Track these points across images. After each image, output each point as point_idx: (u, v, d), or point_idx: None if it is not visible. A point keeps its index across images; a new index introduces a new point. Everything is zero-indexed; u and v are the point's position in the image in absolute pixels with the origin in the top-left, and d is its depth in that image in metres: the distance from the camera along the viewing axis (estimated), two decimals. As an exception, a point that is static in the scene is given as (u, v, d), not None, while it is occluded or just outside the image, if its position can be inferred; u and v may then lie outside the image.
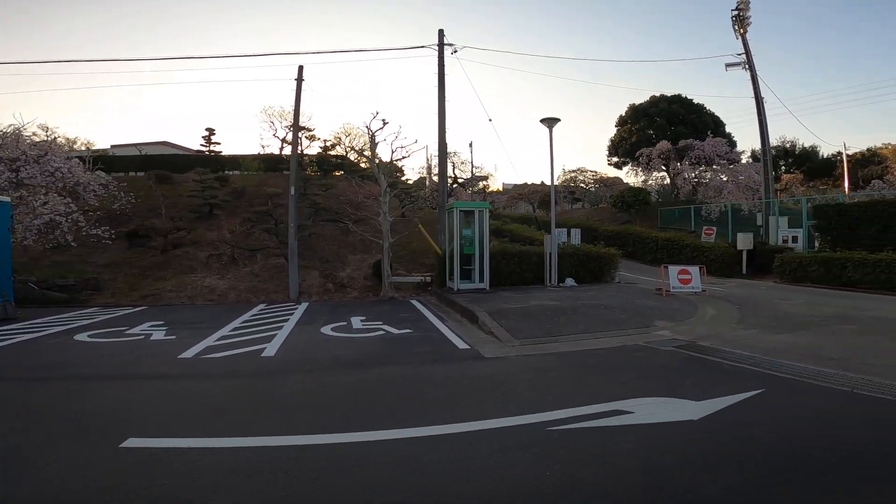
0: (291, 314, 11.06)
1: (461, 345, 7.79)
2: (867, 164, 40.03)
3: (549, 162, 14.84)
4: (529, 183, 47.29)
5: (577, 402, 4.74)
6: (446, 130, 17.76)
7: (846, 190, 32.40)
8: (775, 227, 21.15)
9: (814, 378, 5.51)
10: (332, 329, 9.20)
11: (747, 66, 23.34)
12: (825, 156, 41.03)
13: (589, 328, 8.56)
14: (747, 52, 23.42)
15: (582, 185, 47.50)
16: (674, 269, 12.70)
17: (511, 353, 7.19)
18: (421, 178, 32.07)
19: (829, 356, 6.50)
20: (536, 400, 4.86)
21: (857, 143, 64.47)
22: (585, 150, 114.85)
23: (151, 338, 8.69)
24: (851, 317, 9.41)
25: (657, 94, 35.49)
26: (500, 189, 53.02)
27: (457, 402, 4.87)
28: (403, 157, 14.33)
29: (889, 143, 41.55)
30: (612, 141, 37.78)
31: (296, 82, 15.23)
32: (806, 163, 39.56)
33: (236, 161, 27.14)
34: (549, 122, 14.86)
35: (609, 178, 45.57)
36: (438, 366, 6.52)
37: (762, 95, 22.86)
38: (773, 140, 44.40)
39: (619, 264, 15.51)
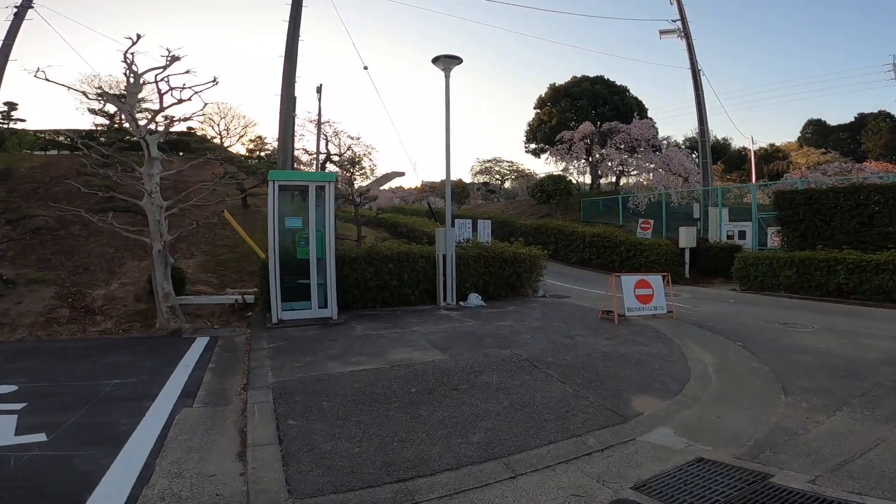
0: None
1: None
2: (772, 158, 40.37)
3: (445, 116, 9.86)
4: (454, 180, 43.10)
5: None
6: (296, 79, 12.26)
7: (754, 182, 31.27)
8: (717, 220, 17.90)
9: None
10: None
11: (683, 35, 20.05)
12: (736, 149, 40.76)
13: (495, 440, 3.58)
14: (683, 18, 20.13)
15: (497, 176, 43.92)
16: (629, 281, 8.18)
17: None
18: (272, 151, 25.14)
19: None
20: None
21: (763, 138, 67.24)
22: (502, 137, 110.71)
23: None
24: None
25: (579, 75, 32.07)
26: (420, 186, 48.74)
27: None
28: (181, 101, 8.39)
29: (774, 144, 42.73)
30: (530, 125, 33.85)
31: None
32: (721, 155, 38.62)
33: (44, 138, 19.23)
34: (445, 63, 9.91)
35: (527, 172, 42.39)
36: None
37: (699, 67, 19.64)
38: (688, 132, 43.61)
39: (544, 270, 10.88)
